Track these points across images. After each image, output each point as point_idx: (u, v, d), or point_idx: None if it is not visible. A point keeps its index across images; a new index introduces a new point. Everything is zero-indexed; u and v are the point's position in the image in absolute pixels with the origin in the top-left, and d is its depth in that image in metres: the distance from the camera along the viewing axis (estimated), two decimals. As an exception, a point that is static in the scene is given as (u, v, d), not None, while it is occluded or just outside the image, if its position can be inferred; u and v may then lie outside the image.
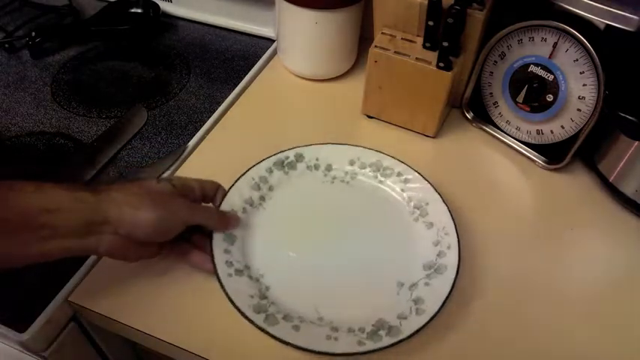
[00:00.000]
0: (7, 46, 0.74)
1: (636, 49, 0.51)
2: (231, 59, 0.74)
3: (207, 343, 0.45)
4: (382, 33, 0.61)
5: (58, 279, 0.48)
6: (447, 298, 0.44)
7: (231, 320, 0.45)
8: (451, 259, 0.47)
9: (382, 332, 0.43)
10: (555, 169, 0.60)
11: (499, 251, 0.53)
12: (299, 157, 0.56)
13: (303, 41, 0.67)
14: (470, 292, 0.49)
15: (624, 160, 0.54)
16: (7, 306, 0.46)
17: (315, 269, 0.49)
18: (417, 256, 0.49)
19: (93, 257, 0.50)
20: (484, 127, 0.65)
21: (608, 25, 0.50)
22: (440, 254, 0.48)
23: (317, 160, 0.56)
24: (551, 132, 0.58)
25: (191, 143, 0.61)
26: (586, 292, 0.50)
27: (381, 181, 0.55)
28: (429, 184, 0.53)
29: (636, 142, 0.53)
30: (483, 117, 0.64)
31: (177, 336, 0.45)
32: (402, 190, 0.54)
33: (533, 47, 0.55)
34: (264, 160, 0.55)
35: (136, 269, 0.49)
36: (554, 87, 0.55)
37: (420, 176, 0.54)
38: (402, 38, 0.60)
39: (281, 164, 0.55)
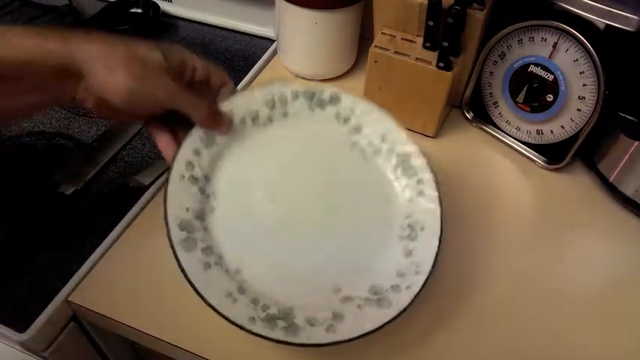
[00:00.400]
0: (7, 46, 0.74)
1: (636, 49, 0.51)
2: (231, 59, 0.74)
3: (207, 343, 0.45)
4: (382, 33, 0.61)
5: (58, 279, 0.48)
6: (366, 334, 0.39)
7: (231, 320, 0.46)
8: (401, 299, 0.41)
9: (283, 324, 0.40)
10: (555, 169, 0.60)
11: (499, 251, 0.53)
12: (334, 99, 0.49)
13: (303, 41, 0.67)
14: (469, 292, 0.49)
15: (624, 160, 0.54)
16: (7, 306, 0.46)
17: (269, 226, 0.44)
18: (373, 274, 0.43)
19: (93, 257, 0.50)
20: (484, 127, 0.65)
21: (608, 25, 0.50)
22: (395, 288, 0.42)
23: (351, 111, 0.49)
24: (551, 132, 0.58)
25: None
26: (586, 292, 0.50)
27: (397, 177, 0.48)
28: (439, 213, 0.45)
29: (636, 142, 0.53)
30: (483, 117, 0.64)
31: (177, 336, 0.45)
32: (410, 200, 0.47)
33: (533, 47, 0.55)
34: (295, 83, 0.49)
35: (136, 269, 0.49)
36: (554, 87, 0.55)
37: (438, 200, 0.46)
38: (402, 38, 0.60)
39: (311, 96, 0.48)
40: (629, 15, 0.48)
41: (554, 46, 0.54)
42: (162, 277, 0.49)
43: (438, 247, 0.44)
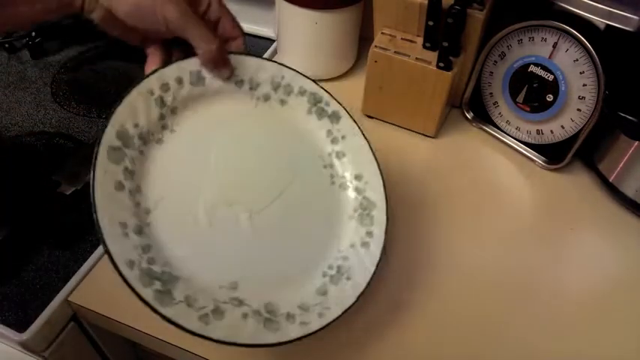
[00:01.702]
0: (7, 46, 0.74)
1: (636, 49, 0.51)
2: (231, 59, 0.74)
3: (206, 343, 0.45)
4: (382, 33, 0.61)
5: (58, 279, 0.48)
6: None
7: (231, 320, 0.45)
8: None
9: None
10: (555, 169, 0.60)
11: (499, 251, 0.53)
12: (334, 117, 0.48)
13: (303, 41, 0.67)
14: (469, 292, 0.49)
15: (624, 160, 0.54)
16: (7, 306, 0.46)
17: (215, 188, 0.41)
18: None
19: (93, 257, 0.50)
20: (484, 127, 0.65)
21: (608, 25, 0.50)
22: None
23: (343, 138, 0.48)
24: (551, 132, 0.58)
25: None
26: (586, 292, 0.50)
27: (350, 218, 0.46)
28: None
29: (636, 142, 0.53)
30: (483, 117, 0.64)
31: (177, 336, 0.45)
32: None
33: (533, 47, 0.55)
34: (308, 81, 0.47)
35: (136, 269, 0.49)
36: (554, 87, 0.55)
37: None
38: (402, 38, 0.60)
39: (316, 101, 0.48)
40: (629, 15, 0.48)
41: (554, 46, 0.54)
42: (162, 277, 0.49)
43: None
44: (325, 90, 0.48)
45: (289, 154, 0.47)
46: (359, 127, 0.48)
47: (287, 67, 0.47)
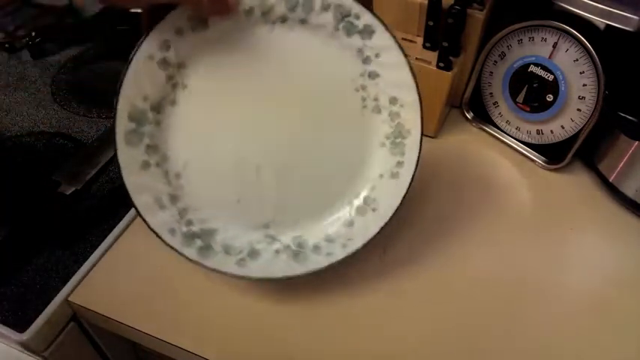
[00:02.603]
0: (7, 46, 0.74)
1: (636, 49, 0.51)
2: (231, 59, 0.74)
3: (207, 343, 0.45)
4: (382, 33, 0.61)
5: (58, 279, 0.48)
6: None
7: (232, 320, 0.46)
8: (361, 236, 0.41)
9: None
10: (555, 169, 0.60)
11: (498, 251, 0.53)
12: (366, 32, 0.42)
13: (303, 41, 0.67)
14: (469, 292, 0.49)
15: (624, 160, 0.54)
16: (7, 306, 0.46)
17: (239, 142, 0.40)
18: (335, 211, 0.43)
19: (93, 257, 0.50)
20: (484, 127, 0.65)
21: (608, 25, 0.50)
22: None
23: (377, 56, 0.42)
24: (551, 132, 0.59)
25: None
26: (586, 292, 0.50)
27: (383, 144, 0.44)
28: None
29: (636, 142, 0.53)
30: (483, 117, 0.64)
31: (177, 336, 0.45)
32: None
33: (533, 47, 0.55)
34: None
35: (136, 269, 0.49)
36: (554, 87, 0.55)
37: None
38: (402, 38, 0.60)
39: (343, 16, 0.41)
40: (629, 15, 0.48)
41: (554, 46, 0.54)
42: (162, 277, 0.49)
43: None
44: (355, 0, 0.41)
45: (314, 82, 0.42)
46: (396, 41, 0.41)
47: None
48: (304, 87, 0.42)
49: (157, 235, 0.38)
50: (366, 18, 0.41)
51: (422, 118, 0.42)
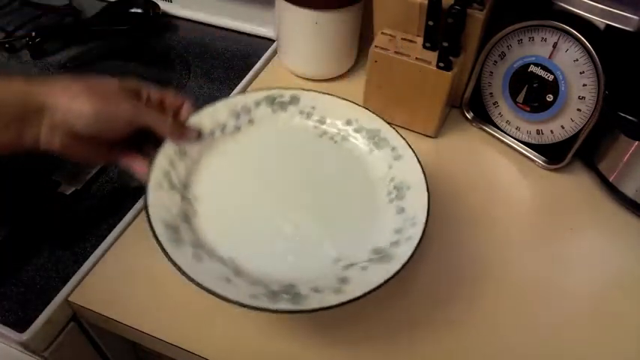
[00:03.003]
0: (7, 46, 0.74)
1: (636, 49, 0.51)
2: (231, 59, 0.74)
3: (206, 343, 0.45)
4: (382, 33, 0.61)
5: (58, 279, 0.48)
6: (374, 289, 0.39)
7: (232, 320, 0.46)
8: (403, 251, 0.42)
9: (285, 296, 0.39)
10: (555, 169, 0.60)
11: (498, 251, 0.53)
12: (294, 100, 0.51)
13: (303, 41, 0.67)
14: (469, 293, 0.49)
15: (624, 160, 0.54)
16: (7, 306, 0.46)
17: (257, 215, 0.45)
18: (372, 238, 0.44)
19: (93, 257, 0.50)
20: (484, 127, 0.65)
21: (608, 25, 0.50)
22: (395, 244, 0.43)
23: (313, 108, 0.51)
24: (551, 132, 0.59)
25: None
26: (586, 291, 0.50)
27: (371, 150, 0.50)
28: (420, 169, 0.47)
29: (636, 142, 0.53)
30: (483, 117, 0.64)
31: (177, 336, 0.45)
32: (389, 167, 0.49)
33: (533, 47, 0.55)
34: (256, 92, 0.50)
35: (136, 269, 0.49)
36: (554, 87, 0.55)
37: (415, 158, 0.48)
38: (402, 38, 0.60)
39: (272, 101, 0.50)
40: (629, 15, 0.48)
41: (554, 46, 0.54)
42: (162, 276, 0.49)
43: (428, 197, 0.45)
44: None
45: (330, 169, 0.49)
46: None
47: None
48: (291, 159, 0.50)
49: (243, 305, 0.38)
50: (289, 92, 0.51)
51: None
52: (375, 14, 0.61)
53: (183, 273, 0.38)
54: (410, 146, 0.49)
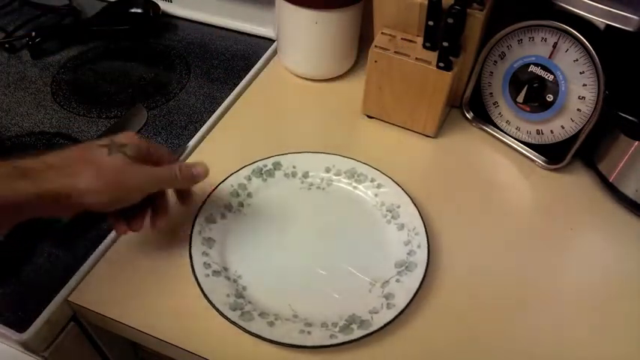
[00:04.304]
0: (7, 46, 0.74)
1: (636, 49, 0.51)
2: (231, 59, 0.74)
3: (207, 343, 0.45)
4: (382, 33, 0.61)
5: (58, 279, 0.48)
6: (416, 293, 0.46)
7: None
8: (421, 256, 0.49)
9: (354, 326, 0.44)
10: (555, 169, 0.60)
11: (498, 251, 0.53)
12: (277, 165, 0.57)
13: (303, 41, 0.67)
14: (469, 293, 0.49)
15: (624, 160, 0.54)
16: (7, 306, 0.46)
17: (291, 270, 0.50)
18: (390, 255, 0.51)
19: (93, 257, 0.50)
20: (484, 127, 0.65)
21: (608, 25, 0.50)
22: (410, 253, 0.50)
23: (294, 167, 0.58)
24: (551, 132, 0.59)
25: (191, 143, 0.61)
26: (585, 291, 0.50)
27: (355, 187, 0.57)
28: (399, 188, 0.54)
29: (636, 142, 0.53)
30: (483, 117, 0.64)
31: (177, 336, 0.45)
32: (375, 195, 0.55)
33: (533, 47, 0.55)
34: (242, 168, 0.56)
35: (136, 269, 0.49)
36: (554, 87, 0.55)
37: (391, 181, 0.55)
38: (402, 38, 0.60)
39: (259, 172, 0.57)
40: (629, 15, 0.48)
41: (554, 46, 0.54)
42: (162, 277, 0.49)
43: (418, 211, 0.52)
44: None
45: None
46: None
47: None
48: (299, 213, 0.55)
49: (317, 346, 0.43)
50: (269, 161, 0.58)
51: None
52: (375, 14, 0.61)
53: (281, 343, 0.43)
54: (383, 173, 0.56)
